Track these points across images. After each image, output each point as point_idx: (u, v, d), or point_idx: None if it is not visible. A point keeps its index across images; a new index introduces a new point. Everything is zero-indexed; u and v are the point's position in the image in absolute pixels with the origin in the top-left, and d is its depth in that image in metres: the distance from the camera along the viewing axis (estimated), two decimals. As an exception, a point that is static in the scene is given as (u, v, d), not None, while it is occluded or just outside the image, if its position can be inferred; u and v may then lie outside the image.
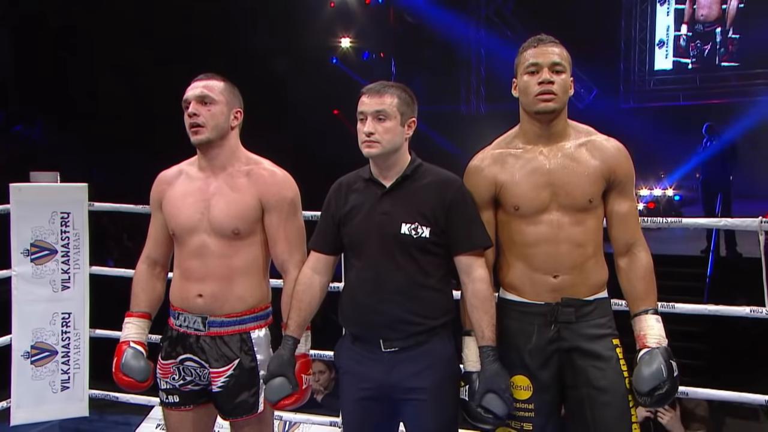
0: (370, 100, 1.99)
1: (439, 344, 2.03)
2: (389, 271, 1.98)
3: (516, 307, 2.04)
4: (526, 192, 2.00)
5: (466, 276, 2.01)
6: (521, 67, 2.00)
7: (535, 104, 1.96)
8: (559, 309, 1.99)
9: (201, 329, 2.11)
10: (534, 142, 2.03)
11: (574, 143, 2.02)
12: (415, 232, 1.98)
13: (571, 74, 2.01)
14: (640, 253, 2.03)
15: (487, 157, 2.08)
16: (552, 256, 1.99)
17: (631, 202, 2.04)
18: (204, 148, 2.12)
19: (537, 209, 2.00)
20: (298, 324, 2.07)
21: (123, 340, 2.19)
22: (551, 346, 2.00)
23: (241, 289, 2.11)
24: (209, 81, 2.12)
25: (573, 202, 1.98)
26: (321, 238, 2.11)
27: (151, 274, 2.25)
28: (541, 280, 2.00)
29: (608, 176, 2.00)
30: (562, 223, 1.99)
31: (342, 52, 12.79)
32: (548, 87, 1.95)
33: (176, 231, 2.15)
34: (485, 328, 1.98)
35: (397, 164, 2.03)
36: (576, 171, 1.99)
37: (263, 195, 2.12)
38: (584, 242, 2.00)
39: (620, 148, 2.03)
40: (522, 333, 2.02)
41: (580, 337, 1.99)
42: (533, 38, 2.02)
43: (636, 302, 2.01)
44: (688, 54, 12.88)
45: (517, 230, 2.03)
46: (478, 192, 2.06)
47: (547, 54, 1.97)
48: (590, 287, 2.02)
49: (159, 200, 2.21)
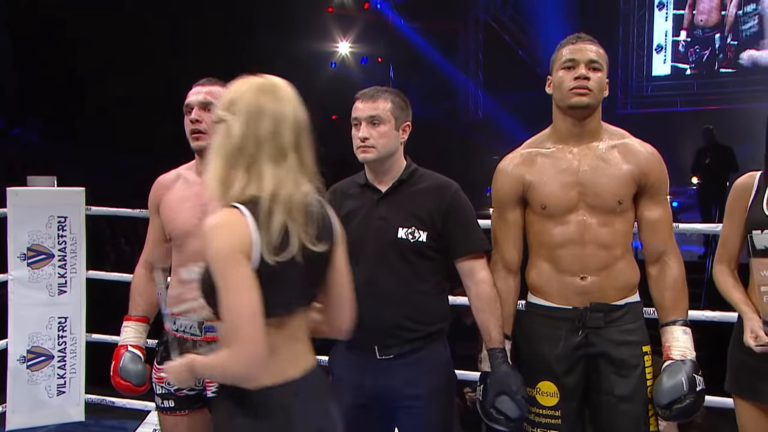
0: (363, 105, 1.99)
1: (435, 350, 2.03)
2: (385, 276, 1.98)
3: (543, 312, 2.03)
4: (553, 191, 1.99)
5: (469, 279, 2.02)
6: (557, 63, 1.99)
7: (569, 98, 1.95)
8: (588, 314, 1.97)
9: (197, 334, 2.11)
10: (565, 141, 2.02)
11: (607, 144, 2.01)
12: (412, 236, 1.98)
13: (607, 75, 2.00)
14: (670, 261, 2.00)
15: (516, 158, 2.08)
16: (578, 257, 1.97)
17: (663, 209, 2.01)
18: (203, 154, 2.12)
19: (564, 209, 1.98)
20: None
21: (121, 344, 2.19)
22: (578, 351, 1.98)
23: None
24: (212, 87, 2.12)
25: (601, 202, 1.97)
26: None
27: (149, 279, 2.24)
28: (569, 282, 1.98)
29: (639, 180, 1.98)
30: (589, 223, 1.97)
31: (341, 57, 12.82)
32: (584, 82, 1.94)
33: (173, 235, 2.15)
34: (492, 330, 1.98)
35: (392, 169, 2.03)
36: (606, 172, 1.97)
37: None
38: (612, 244, 1.98)
39: (654, 153, 2.02)
40: (549, 338, 2.01)
41: (608, 342, 1.97)
42: (572, 35, 2.02)
43: (663, 312, 1.99)
44: (686, 59, 12.92)
45: (544, 230, 2.02)
46: (505, 192, 2.05)
47: (585, 51, 1.97)
48: (619, 290, 1.99)
49: (157, 204, 2.22)
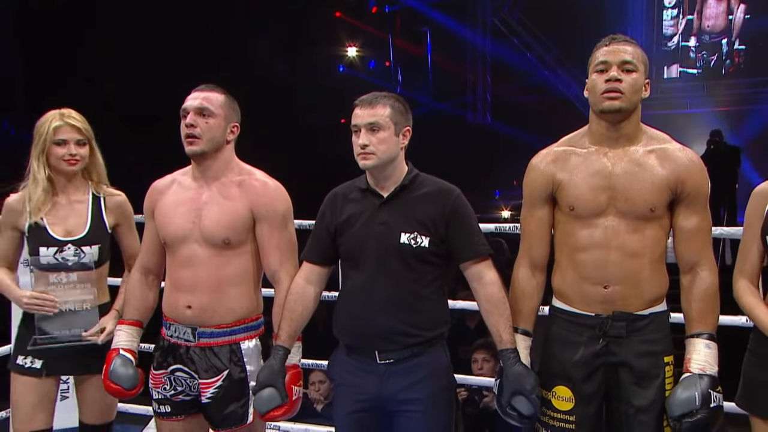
0: (362, 112, 1.99)
1: (435, 356, 2.02)
2: (386, 281, 1.97)
3: (565, 317, 2.00)
4: (583, 192, 1.95)
5: (477, 282, 2.01)
6: (592, 66, 1.95)
7: (601, 102, 1.91)
8: (610, 322, 1.93)
9: (191, 340, 2.11)
10: (600, 144, 1.98)
11: (644, 149, 1.96)
12: (415, 241, 1.97)
13: (646, 75, 1.95)
14: (703, 272, 1.94)
15: (549, 155, 2.04)
16: (602, 264, 1.93)
17: (700, 219, 1.95)
18: (198, 159, 2.13)
19: (593, 212, 1.94)
20: (289, 334, 2.06)
21: (113, 348, 2.20)
22: (598, 359, 1.95)
23: (231, 300, 2.11)
24: (210, 93, 2.13)
25: (632, 208, 1.92)
26: (314, 248, 2.10)
27: (143, 283, 2.25)
28: (591, 291, 1.95)
29: (676, 187, 1.93)
30: (617, 229, 1.93)
31: (349, 61, 12.84)
32: (615, 85, 1.89)
33: (167, 240, 2.15)
34: (503, 331, 1.97)
35: (393, 174, 2.03)
36: (639, 177, 1.92)
37: (255, 205, 2.12)
38: (639, 252, 1.93)
39: (694, 160, 1.96)
40: (569, 344, 1.98)
41: (629, 352, 1.93)
42: (607, 37, 1.98)
43: (690, 323, 1.94)
44: (695, 65, 12.84)
45: (570, 232, 1.98)
46: (535, 189, 2.03)
47: (618, 52, 1.91)
48: (645, 301, 1.95)
49: (152, 209, 2.22)
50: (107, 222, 2.37)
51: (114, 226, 2.39)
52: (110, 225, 2.38)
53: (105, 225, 2.37)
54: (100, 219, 2.36)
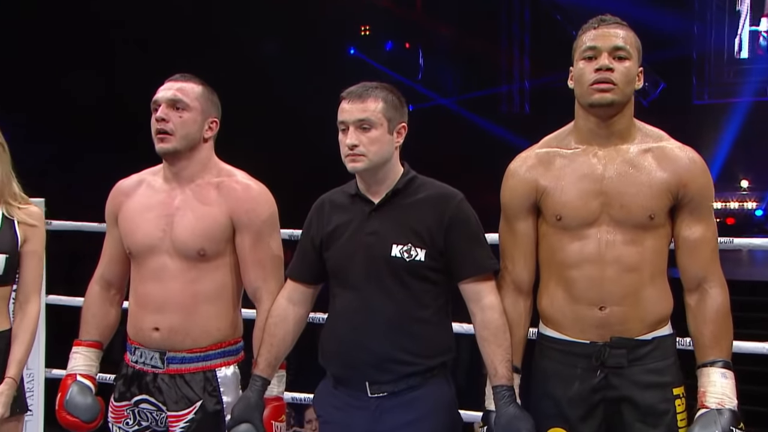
0: (351, 107, 2.00)
1: (436, 388, 2.03)
2: (377, 300, 1.99)
3: (555, 346, 2.02)
4: (571, 199, 1.97)
5: (474, 304, 2.02)
6: (578, 52, 1.98)
7: (590, 95, 1.93)
8: (608, 351, 1.95)
9: (159, 366, 2.14)
10: (588, 142, 2.00)
11: (639, 147, 1.99)
12: (408, 254, 1.99)
13: (639, 63, 1.97)
14: (712, 290, 1.96)
15: (531, 158, 2.07)
16: (596, 282, 1.95)
17: (705, 227, 1.97)
18: (170, 158, 2.16)
19: (583, 221, 1.96)
20: (269, 362, 2.09)
21: (68, 373, 2.22)
22: (596, 395, 1.96)
23: (206, 321, 2.14)
24: (185, 83, 2.16)
25: (628, 216, 1.94)
26: (298, 264, 2.14)
27: (104, 297, 2.28)
28: (585, 314, 1.96)
29: (677, 191, 1.95)
30: (612, 240, 1.95)
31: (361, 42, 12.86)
32: (606, 75, 1.91)
33: (133, 250, 2.19)
34: (498, 364, 1.97)
35: (387, 178, 2.05)
36: (636, 180, 1.95)
37: (234, 211, 2.15)
38: (638, 266, 1.95)
39: (696, 159, 1.98)
40: (562, 378, 1.99)
41: (632, 385, 1.94)
42: (594, 18, 2.00)
43: (702, 350, 1.95)
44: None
45: (558, 246, 2.00)
46: (516, 198, 2.05)
47: (608, 37, 1.94)
48: (648, 323, 1.97)
49: (115, 213, 2.26)
50: (19, 235, 2.26)
51: (23, 242, 2.27)
52: (21, 239, 2.26)
53: (16, 237, 2.26)
54: (12, 230, 2.26)
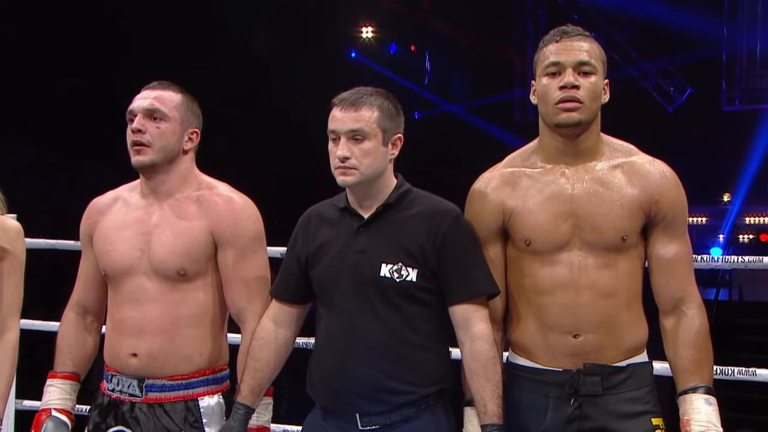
0: (343, 115, 2.01)
1: (434, 419, 2.04)
2: (365, 324, 2.00)
3: (526, 375, 2.05)
4: (540, 223, 2.01)
5: (463, 333, 2.03)
6: (540, 67, 2.02)
7: (555, 114, 1.98)
8: (581, 378, 1.98)
9: (137, 394, 2.16)
10: (555, 161, 2.05)
11: (608, 164, 2.03)
12: (399, 274, 2.00)
13: (605, 75, 2.02)
14: (690, 311, 2.00)
15: (495, 178, 2.10)
16: (570, 309, 1.99)
17: (680, 245, 2.02)
18: (147, 172, 2.19)
19: (554, 245, 2.00)
20: (252, 388, 2.11)
21: (43, 408, 2.24)
22: (571, 426, 1.99)
23: (188, 346, 2.16)
24: (163, 92, 2.19)
25: (600, 238, 1.98)
26: (283, 283, 2.16)
27: (80, 325, 2.31)
28: (558, 341, 2.00)
29: (648, 209, 2.00)
30: (585, 264, 1.99)
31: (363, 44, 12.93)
32: (571, 93, 1.96)
33: (108, 272, 2.21)
34: (488, 400, 1.98)
35: (380, 191, 2.06)
36: (606, 199, 1.99)
37: (216, 226, 2.18)
38: (613, 291, 1.99)
39: (666, 173, 2.03)
40: (534, 408, 2.02)
41: (608, 414, 1.97)
42: (556, 30, 2.04)
43: (682, 376, 1.99)
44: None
45: (528, 272, 2.04)
46: (482, 222, 2.08)
47: (572, 51, 1.98)
48: (623, 350, 2.01)
49: (90, 233, 2.28)
50: None
51: None
52: None
53: None
54: None
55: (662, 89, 12.38)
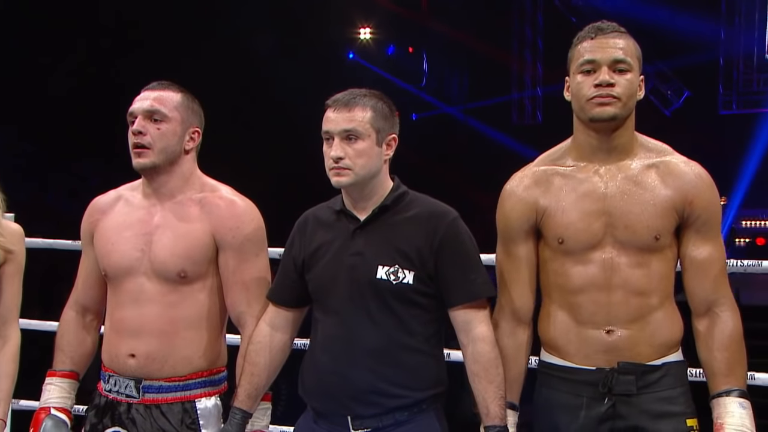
0: (336, 116, 2.01)
1: (426, 423, 2.04)
2: (362, 327, 2.01)
3: (559, 374, 2.04)
4: (573, 221, 2.01)
5: (464, 335, 2.03)
6: (574, 64, 2.01)
7: (590, 109, 1.97)
8: (616, 377, 1.97)
9: (133, 395, 2.16)
10: (589, 159, 2.04)
11: (642, 163, 2.03)
12: (395, 276, 2.00)
13: (640, 72, 2.01)
14: (724, 313, 2.00)
15: (527, 177, 2.10)
16: (603, 307, 1.98)
17: (713, 246, 2.01)
18: (149, 173, 2.19)
19: (587, 244, 2.00)
20: (249, 393, 2.11)
21: (42, 406, 2.24)
22: (603, 425, 1.98)
23: (186, 347, 2.16)
24: (163, 92, 2.19)
25: (633, 237, 1.98)
26: (279, 286, 2.16)
27: (79, 324, 2.31)
28: (591, 337, 2.00)
29: (683, 209, 1.99)
30: (617, 263, 1.99)
31: (361, 46, 12.94)
32: (607, 91, 1.95)
33: (109, 272, 2.21)
34: (491, 402, 1.98)
35: (375, 193, 2.06)
36: (640, 198, 1.99)
37: (218, 229, 2.18)
38: (646, 290, 1.99)
39: (701, 174, 2.02)
40: (566, 408, 2.01)
41: (642, 414, 1.97)
42: (590, 27, 2.03)
43: (715, 379, 1.98)
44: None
45: (561, 271, 2.04)
46: (513, 221, 2.09)
47: (607, 48, 1.97)
48: (657, 347, 2.00)
49: (91, 233, 2.28)
50: None
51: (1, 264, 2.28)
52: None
53: None
54: None
55: (660, 92, 12.39)
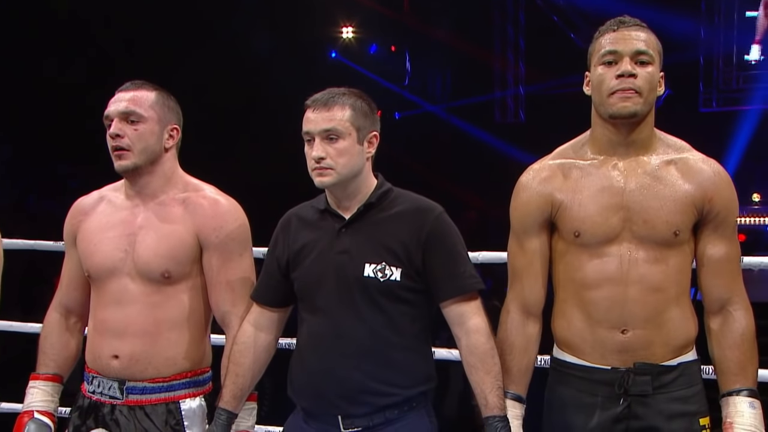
0: (316, 116, 2.01)
1: (415, 421, 2.04)
2: (349, 325, 2.01)
3: (573, 372, 2.05)
4: (591, 214, 2.00)
5: (458, 328, 2.04)
6: (596, 56, 2.01)
7: (612, 104, 1.97)
8: (631, 377, 1.98)
9: (117, 397, 2.15)
10: (607, 153, 2.04)
11: (661, 159, 2.03)
12: (382, 274, 2.01)
13: (661, 67, 2.02)
14: (737, 312, 2.01)
15: (544, 169, 2.10)
16: (618, 303, 1.98)
17: (729, 245, 2.02)
18: (131, 175, 2.18)
19: (603, 238, 2.00)
20: (234, 393, 2.11)
21: (25, 410, 2.23)
22: (618, 425, 1.99)
23: (170, 348, 2.16)
24: (137, 92, 2.18)
25: (652, 232, 1.98)
26: (263, 286, 2.16)
27: (63, 326, 2.30)
28: (606, 337, 2.00)
29: (701, 206, 2.00)
30: (634, 258, 1.98)
31: (344, 45, 12.92)
32: (629, 82, 1.95)
33: (92, 272, 2.21)
34: (489, 393, 1.99)
35: (359, 191, 2.07)
36: (659, 194, 1.99)
37: (201, 229, 2.18)
38: (663, 286, 1.99)
39: (720, 172, 2.03)
40: (581, 407, 2.02)
41: (657, 414, 1.98)
42: (612, 20, 2.03)
43: (726, 377, 1.99)
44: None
45: (576, 265, 2.03)
46: (528, 213, 2.08)
47: (629, 40, 1.97)
48: (672, 347, 2.01)
49: (74, 234, 2.28)
50: None
51: None
52: None
53: None
54: None
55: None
